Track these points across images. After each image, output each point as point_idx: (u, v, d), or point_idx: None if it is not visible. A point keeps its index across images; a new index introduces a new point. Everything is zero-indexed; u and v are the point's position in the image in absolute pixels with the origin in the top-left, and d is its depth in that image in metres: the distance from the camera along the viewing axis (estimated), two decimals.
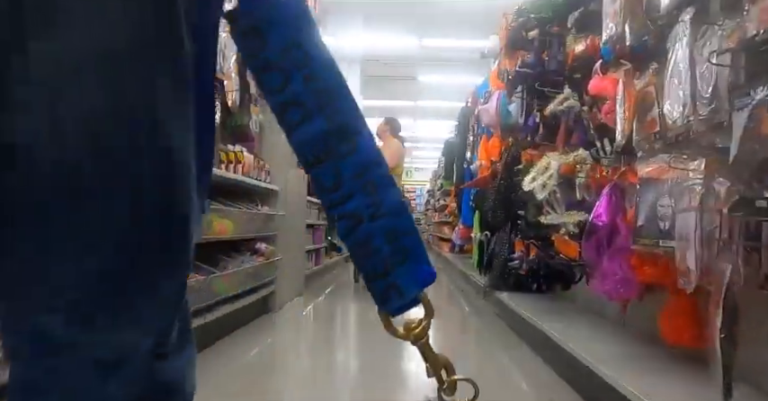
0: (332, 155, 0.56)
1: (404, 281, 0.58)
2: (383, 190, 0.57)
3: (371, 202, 0.57)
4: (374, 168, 0.57)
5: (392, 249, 0.57)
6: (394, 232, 0.57)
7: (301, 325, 4.51)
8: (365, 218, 0.57)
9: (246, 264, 3.52)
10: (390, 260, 0.57)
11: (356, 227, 0.57)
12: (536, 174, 3.19)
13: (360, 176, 0.56)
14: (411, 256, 0.58)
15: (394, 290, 0.58)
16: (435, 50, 10.67)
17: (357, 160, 0.56)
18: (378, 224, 0.57)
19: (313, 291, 5.93)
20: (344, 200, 0.56)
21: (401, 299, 0.58)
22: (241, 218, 3.36)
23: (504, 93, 5.14)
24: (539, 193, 3.12)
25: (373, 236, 0.57)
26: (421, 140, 19.06)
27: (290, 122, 0.55)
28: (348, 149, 0.56)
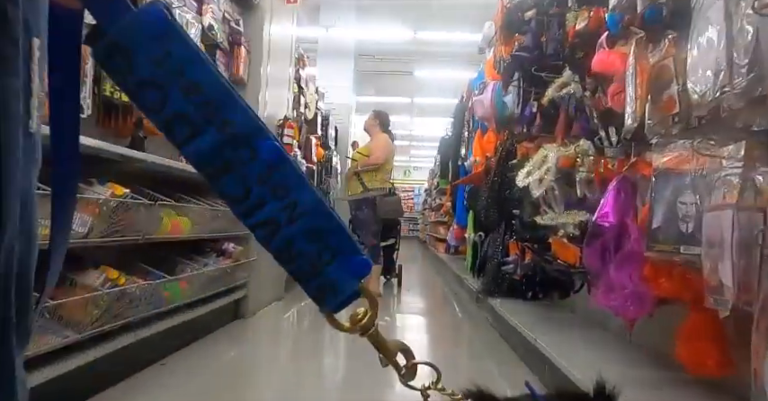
0: (233, 165, 0.52)
1: (337, 278, 0.55)
2: (296, 190, 0.54)
3: (285, 205, 0.53)
4: (281, 169, 0.53)
5: (317, 249, 0.54)
6: (316, 232, 0.54)
7: (277, 333, 4.15)
8: (282, 223, 0.54)
9: (210, 267, 3.17)
10: (318, 260, 0.55)
11: (275, 233, 0.54)
12: (532, 168, 2.84)
13: (267, 181, 0.52)
14: (339, 252, 0.55)
15: (329, 289, 0.56)
16: (430, 44, 10.33)
17: (260, 165, 0.52)
18: (296, 226, 0.54)
19: (296, 295, 5.56)
20: (257, 207, 0.53)
21: (338, 296, 0.56)
22: (202, 215, 3.01)
23: (499, 84, 4.80)
24: (534, 190, 2.77)
25: (294, 240, 0.54)
26: (418, 139, 18.72)
27: (180, 139, 0.50)
28: (248, 155, 0.52)
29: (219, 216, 3.22)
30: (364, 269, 0.56)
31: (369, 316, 0.57)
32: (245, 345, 3.58)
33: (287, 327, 4.45)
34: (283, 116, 4.60)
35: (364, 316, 0.57)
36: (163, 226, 2.59)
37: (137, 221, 2.33)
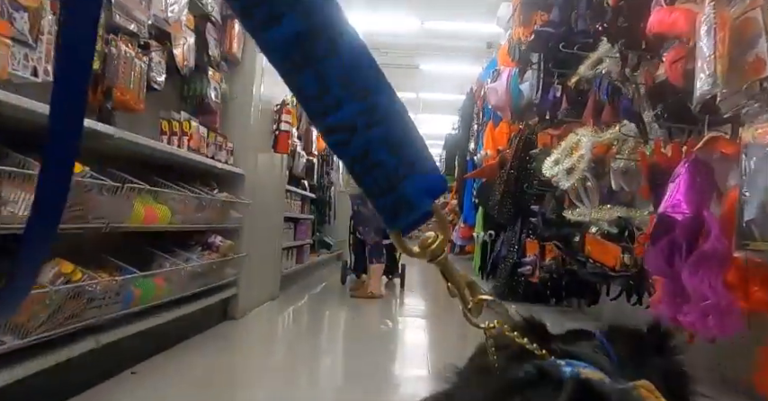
0: (310, 59, 0.47)
1: (413, 194, 0.50)
2: (377, 93, 0.49)
3: (365, 108, 0.48)
4: (364, 70, 0.48)
5: (396, 161, 0.49)
6: (395, 141, 0.49)
7: (269, 336, 3.80)
8: (360, 128, 0.48)
9: (193, 262, 2.82)
10: (395, 173, 0.49)
11: (351, 138, 0.48)
12: (560, 156, 2.49)
13: (347, 80, 0.47)
14: (418, 166, 0.50)
15: (404, 205, 0.51)
16: (438, 36, 9.95)
17: (341, 62, 0.47)
18: (376, 133, 0.48)
19: (292, 294, 5.22)
20: (333, 108, 0.47)
21: (412, 214, 0.51)
22: (184, 204, 2.66)
23: (515, 71, 4.44)
24: (563, 180, 2.42)
25: (372, 148, 0.49)
26: (424, 136, 18.29)
27: (256, 23, 0.45)
28: (327, 50, 0.47)
29: (206, 205, 2.87)
30: (441, 187, 0.52)
31: (440, 240, 0.52)
32: (231, 350, 3.23)
33: (281, 330, 4.10)
34: (281, 100, 4.24)
35: (434, 240, 0.52)
36: (135, 214, 2.24)
37: (100, 206, 1.98)
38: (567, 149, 2.47)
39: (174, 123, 2.71)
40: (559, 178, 2.43)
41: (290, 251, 5.47)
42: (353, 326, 4.42)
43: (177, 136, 2.72)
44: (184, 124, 2.73)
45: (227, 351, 3.16)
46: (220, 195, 3.10)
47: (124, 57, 2.38)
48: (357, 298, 5.13)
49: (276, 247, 4.69)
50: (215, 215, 3.05)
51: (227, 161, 3.35)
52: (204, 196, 2.80)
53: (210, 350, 3.02)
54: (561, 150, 2.49)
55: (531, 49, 3.54)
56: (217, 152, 3.16)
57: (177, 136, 2.72)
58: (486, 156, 5.07)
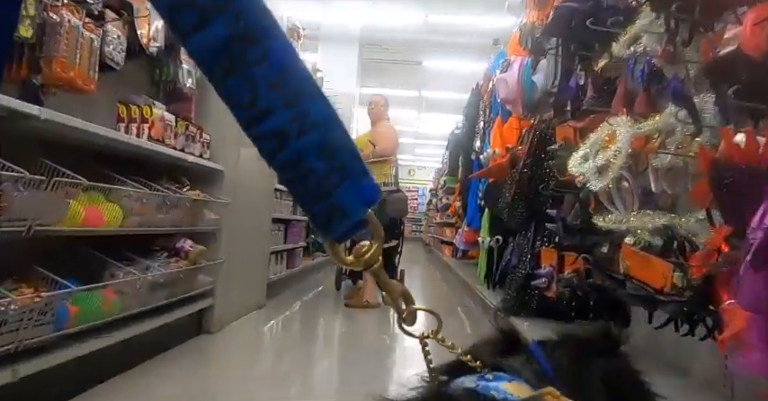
0: (240, 65, 0.46)
1: (347, 201, 0.50)
2: (308, 99, 0.48)
3: (296, 115, 0.47)
4: (294, 75, 0.47)
5: (328, 167, 0.48)
6: (328, 147, 0.48)
7: (250, 352, 3.38)
8: (292, 135, 0.48)
9: (155, 271, 2.41)
10: (328, 179, 0.49)
11: (283, 145, 0.48)
12: (589, 151, 2.07)
13: (278, 86, 0.47)
14: (351, 172, 0.50)
15: (337, 212, 0.50)
16: (442, 30, 9.54)
17: (272, 68, 0.47)
18: (307, 139, 0.48)
19: (280, 303, 4.81)
20: (264, 115, 0.47)
21: (346, 221, 0.50)
22: (142, 203, 2.25)
23: (528, 60, 4.03)
24: (594, 180, 2.00)
25: (304, 155, 0.48)
26: (425, 136, 17.91)
27: (184, 28, 0.45)
28: (259, 55, 0.46)
29: (171, 204, 2.46)
30: (374, 195, 0.51)
31: (374, 249, 0.52)
32: (202, 370, 2.82)
33: (264, 344, 3.68)
34: None
35: (368, 249, 0.52)
36: (72, 214, 1.83)
37: (19, 204, 1.57)
38: (598, 143, 2.06)
39: (133, 108, 2.30)
40: (588, 177, 2.02)
41: (280, 255, 5.06)
42: (346, 339, 4.01)
43: (136, 123, 2.31)
44: (144, 109, 2.32)
45: (198, 372, 2.75)
46: (191, 193, 2.69)
47: (68, 26, 1.98)
48: (351, 307, 4.72)
49: (262, 251, 4.28)
50: (184, 216, 2.64)
51: (203, 154, 2.94)
52: (168, 194, 2.39)
53: (177, 370, 2.61)
54: (591, 144, 2.07)
55: (550, 32, 3.13)
56: (188, 144, 2.75)
57: (136, 123, 2.31)
58: (494, 155, 4.65)
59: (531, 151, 3.26)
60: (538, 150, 3.24)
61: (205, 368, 2.89)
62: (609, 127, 2.04)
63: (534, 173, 3.20)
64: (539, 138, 3.24)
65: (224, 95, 0.48)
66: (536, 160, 3.21)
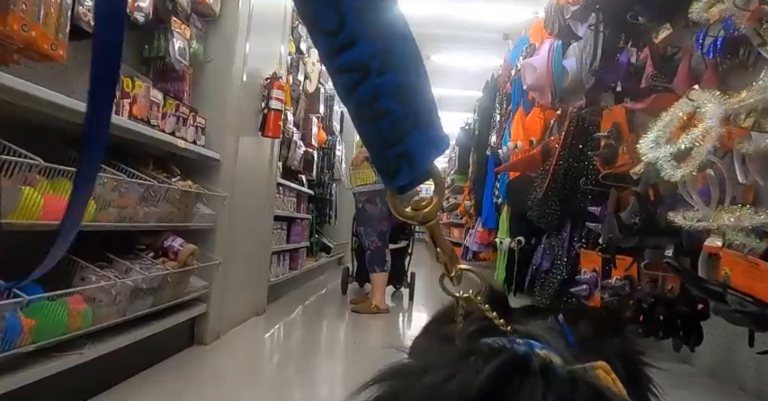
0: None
1: (416, 149, 0.48)
2: (394, 36, 0.46)
3: (380, 50, 0.45)
4: (384, 7, 0.45)
5: (405, 111, 0.47)
6: (406, 89, 0.47)
7: (248, 365, 3.01)
8: (372, 70, 0.46)
9: (135, 274, 2.04)
10: (403, 124, 0.47)
11: (362, 81, 0.46)
12: (662, 133, 1.71)
13: (366, 17, 0.45)
14: (423, 120, 0.48)
15: (404, 160, 0.48)
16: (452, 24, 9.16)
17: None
18: (388, 78, 0.46)
19: (281, 308, 4.44)
20: (347, 46, 0.45)
21: (412, 172, 0.49)
22: (119, 193, 1.88)
23: (558, 44, 3.67)
24: (669, 169, 1.64)
25: (383, 94, 0.46)
26: None
27: None
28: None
29: (155, 195, 2.09)
30: (444, 146, 0.49)
31: (434, 203, 0.51)
32: (194, 388, 2.44)
33: (265, 356, 3.31)
34: (272, 72, 3.47)
35: (428, 203, 0.50)
36: (26, 204, 1.46)
37: None
38: (673, 124, 1.69)
39: None
40: (662, 165, 1.65)
41: (282, 255, 4.69)
42: (354, 350, 3.64)
43: (117, 98, 1.94)
44: (125, 82, 1.95)
45: (189, 389, 2.38)
46: (181, 184, 2.32)
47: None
48: (359, 313, 4.35)
49: (263, 252, 3.91)
50: (173, 210, 2.27)
51: (196, 140, 2.57)
52: (153, 184, 2.02)
53: (164, 389, 2.24)
54: (663, 126, 1.71)
55: (592, 6, 2.76)
56: (179, 127, 2.38)
57: (117, 98, 1.94)
58: (516, 150, 4.29)
59: (567, 141, 2.90)
60: (575, 140, 2.87)
61: (197, 384, 2.52)
62: (688, 104, 1.67)
63: (571, 166, 2.84)
64: (576, 127, 2.88)
65: (309, 18, 0.45)
66: (573, 151, 2.85)
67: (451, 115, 13.81)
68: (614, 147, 2.34)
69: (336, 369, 3.16)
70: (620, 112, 2.33)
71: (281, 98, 3.47)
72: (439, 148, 0.49)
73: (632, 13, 2.30)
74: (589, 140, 2.82)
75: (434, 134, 0.49)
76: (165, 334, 2.47)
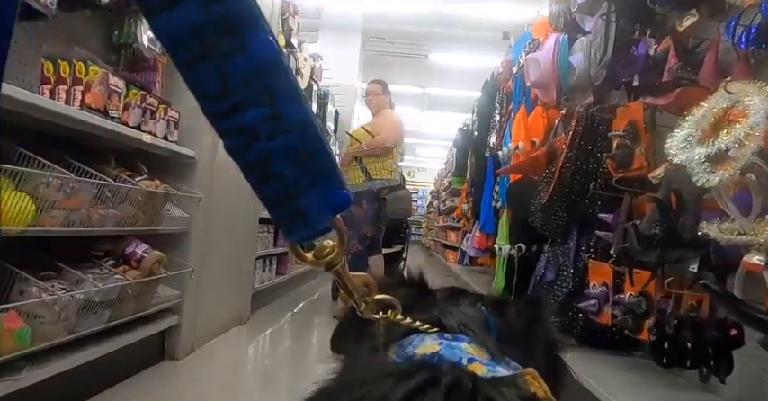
0: (213, 52, 0.43)
1: (312, 208, 0.48)
2: (284, 100, 0.45)
3: (270, 115, 0.45)
4: (273, 73, 0.44)
5: (298, 173, 0.46)
6: (299, 154, 0.46)
7: (226, 382, 2.76)
8: (262, 136, 0.45)
9: (88, 286, 1.79)
10: (295, 185, 0.46)
11: (249, 145, 0.46)
12: (694, 130, 1.47)
13: (252, 82, 0.44)
14: (320, 180, 0.47)
15: (300, 219, 0.49)
16: (451, 23, 8.95)
17: (248, 61, 0.43)
18: (278, 143, 0.45)
19: (266, 316, 4.19)
20: (234, 110, 0.44)
21: (306, 229, 0.49)
22: (65, 193, 1.63)
23: (565, 38, 3.43)
24: (703, 173, 1.40)
25: (273, 159, 0.46)
26: (427, 136, 17.30)
27: (151, 3, 0.41)
28: (235, 46, 0.43)
29: (111, 196, 1.84)
30: (343, 204, 0.49)
31: (336, 252, 0.52)
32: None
33: (246, 371, 3.05)
34: None
35: (331, 250, 0.52)
36: None
37: None
38: (707, 120, 1.45)
39: (62, 65, 1.69)
40: (694, 168, 1.41)
41: (268, 260, 4.44)
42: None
43: (66, 85, 1.69)
44: (78, 66, 1.70)
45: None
46: (147, 184, 2.07)
47: None
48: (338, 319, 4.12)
49: (246, 256, 3.66)
50: (137, 213, 2.03)
51: (167, 136, 2.32)
52: (109, 183, 1.77)
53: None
54: (696, 122, 1.47)
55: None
56: (146, 120, 2.14)
57: (66, 85, 1.69)
58: (517, 151, 4.05)
59: (575, 142, 2.66)
60: (583, 141, 2.63)
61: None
62: (725, 98, 1.44)
63: (579, 169, 2.60)
64: (584, 126, 2.64)
65: (189, 82, 0.44)
66: (581, 152, 2.60)
67: (449, 116, 13.61)
68: (630, 148, 2.11)
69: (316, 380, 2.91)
70: (638, 109, 2.10)
71: None
72: (337, 207, 0.48)
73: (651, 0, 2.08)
74: (598, 141, 2.58)
75: (333, 193, 0.48)
76: (128, 351, 2.22)
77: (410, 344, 0.53)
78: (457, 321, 0.55)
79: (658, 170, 1.89)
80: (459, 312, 0.57)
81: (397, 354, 0.53)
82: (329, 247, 0.53)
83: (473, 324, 0.55)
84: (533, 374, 0.47)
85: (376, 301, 0.58)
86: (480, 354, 0.50)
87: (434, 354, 0.49)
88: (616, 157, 2.19)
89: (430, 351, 0.50)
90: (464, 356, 0.49)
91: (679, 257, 1.73)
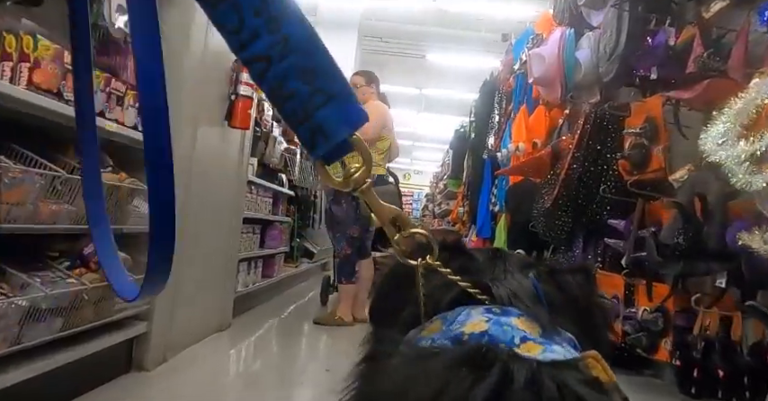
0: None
1: (329, 123, 0.52)
2: (288, 25, 0.50)
3: (277, 40, 0.50)
4: (275, 1, 0.50)
5: (310, 90, 0.51)
6: (308, 71, 0.51)
7: (198, 394, 2.53)
8: (274, 60, 0.50)
9: (35, 291, 1.57)
10: (310, 102, 0.51)
11: (267, 69, 0.51)
12: (733, 125, 1.27)
13: (260, 13, 0.49)
14: (332, 96, 0.51)
15: (319, 134, 0.52)
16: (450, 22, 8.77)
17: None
18: (287, 63, 0.50)
19: (251, 321, 3.97)
20: (250, 40, 0.50)
21: (327, 143, 0.52)
22: (4, 183, 1.41)
23: (571, 32, 3.25)
24: (745, 176, 1.20)
25: (286, 78, 0.51)
26: (423, 139, 17.11)
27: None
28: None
29: (66, 189, 1.63)
30: (359, 118, 0.52)
31: (362, 170, 0.53)
32: None
33: (224, 383, 2.82)
34: None
35: (357, 170, 0.53)
36: None
37: None
38: (747, 113, 1.26)
39: (7, 39, 1.47)
40: (733, 169, 1.21)
41: (254, 262, 4.22)
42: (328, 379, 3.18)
43: (11, 62, 1.48)
44: (25, 40, 1.49)
45: None
46: (109, 177, 1.85)
47: None
48: (321, 325, 3.93)
49: (228, 258, 3.44)
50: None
51: (138, 125, 2.11)
52: (61, 174, 1.56)
53: None
54: (735, 115, 1.27)
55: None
56: (111, 107, 1.92)
57: (11, 62, 1.48)
58: (517, 152, 3.85)
59: (583, 142, 2.46)
60: (592, 141, 2.44)
61: None
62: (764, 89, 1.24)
63: (587, 171, 2.40)
64: (593, 125, 2.44)
65: (216, 22, 0.50)
66: (590, 153, 2.41)
67: (445, 118, 13.41)
68: (647, 148, 1.91)
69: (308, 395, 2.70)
70: (657, 105, 1.90)
71: (253, 83, 3.01)
72: (352, 122, 0.51)
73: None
74: (608, 140, 2.39)
75: (347, 108, 0.51)
76: (89, 362, 2.00)
77: (456, 319, 0.51)
78: (506, 291, 0.53)
79: (681, 172, 1.69)
80: (509, 280, 0.55)
81: (442, 332, 0.50)
82: (355, 167, 0.53)
83: (524, 294, 0.53)
84: (596, 357, 0.46)
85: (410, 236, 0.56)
86: (532, 330, 0.49)
87: (484, 333, 0.48)
88: (630, 158, 2.00)
89: (479, 330, 0.48)
90: (516, 334, 0.47)
91: (706, 270, 1.53)
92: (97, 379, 2.18)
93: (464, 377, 0.41)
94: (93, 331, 2.02)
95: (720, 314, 1.43)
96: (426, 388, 0.41)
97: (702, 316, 1.48)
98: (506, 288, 0.53)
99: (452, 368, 0.42)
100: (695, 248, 1.54)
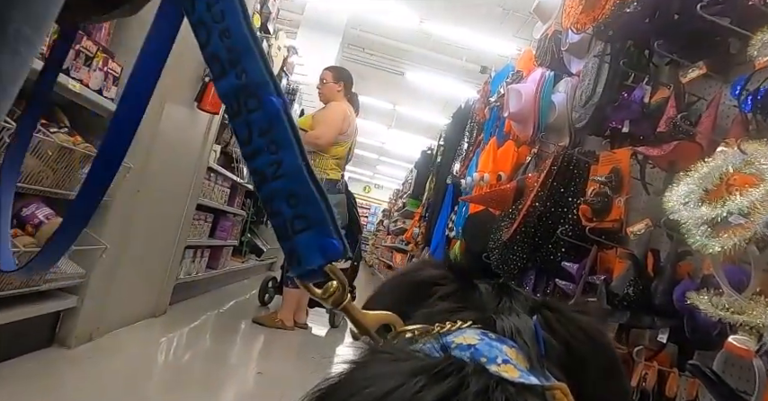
0: (243, 110, 0.55)
1: (305, 250, 0.54)
2: (284, 149, 0.55)
3: (273, 161, 0.55)
4: (278, 126, 0.55)
5: (293, 214, 0.55)
6: (293, 197, 0.55)
7: (119, 380, 2.42)
8: (268, 177, 0.55)
9: None
10: (292, 225, 0.54)
11: (262, 184, 0.55)
12: (696, 188, 1.31)
13: (265, 134, 0.55)
14: (313, 226, 0.54)
15: (295, 257, 0.54)
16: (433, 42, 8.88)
17: (263, 117, 0.55)
18: (277, 185, 0.55)
19: (188, 311, 3.85)
20: (253, 155, 0.55)
21: (300, 267, 0.54)
22: None
23: (551, 75, 3.32)
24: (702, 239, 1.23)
25: (274, 197, 0.55)
26: (389, 154, 17.20)
27: (214, 74, 0.54)
28: (254, 105, 0.55)
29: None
30: (333, 254, 0.54)
31: (339, 292, 0.55)
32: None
33: (146, 370, 2.71)
34: None
35: (336, 289, 0.55)
36: None
37: None
38: (713, 178, 1.30)
39: None
40: (692, 230, 1.25)
41: (201, 251, 4.10)
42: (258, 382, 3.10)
43: None
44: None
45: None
46: (62, 138, 1.77)
47: None
48: (260, 325, 3.85)
49: (173, 243, 3.34)
50: (45, 169, 1.72)
51: (103, 90, 2.02)
52: (11, 126, 1.47)
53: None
54: (700, 178, 1.31)
55: (602, 36, 2.39)
56: (78, 66, 1.84)
57: None
58: (482, 182, 3.89)
59: (548, 182, 2.50)
60: (557, 182, 2.48)
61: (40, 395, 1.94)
62: (737, 157, 1.28)
63: (547, 210, 2.44)
64: (560, 167, 2.49)
65: (233, 130, 0.55)
66: (553, 194, 2.45)
67: (413, 138, 13.54)
68: (609, 197, 1.96)
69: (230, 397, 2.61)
70: (625, 157, 1.96)
71: None
72: (327, 254, 0.53)
73: (660, 43, 1.94)
74: (572, 184, 2.44)
75: (324, 241, 0.53)
76: (7, 331, 1.89)
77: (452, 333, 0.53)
78: (509, 327, 0.54)
79: (639, 225, 1.74)
80: (512, 319, 0.56)
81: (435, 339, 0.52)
82: (333, 287, 0.55)
83: (525, 334, 0.54)
84: (564, 390, 0.46)
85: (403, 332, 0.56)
86: (519, 362, 0.49)
87: (471, 346, 0.49)
88: (592, 204, 2.04)
89: (467, 343, 0.50)
90: (501, 356, 0.48)
91: (650, 323, 1.57)
92: (15, 350, 2.06)
93: (418, 381, 0.43)
94: (18, 298, 1.91)
95: (658, 368, 1.47)
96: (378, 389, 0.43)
97: (641, 367, 1.50)
98: (510, 325, 0.55)
99: (414, 373, 0.44)
100: (643, 301, 1.58)
